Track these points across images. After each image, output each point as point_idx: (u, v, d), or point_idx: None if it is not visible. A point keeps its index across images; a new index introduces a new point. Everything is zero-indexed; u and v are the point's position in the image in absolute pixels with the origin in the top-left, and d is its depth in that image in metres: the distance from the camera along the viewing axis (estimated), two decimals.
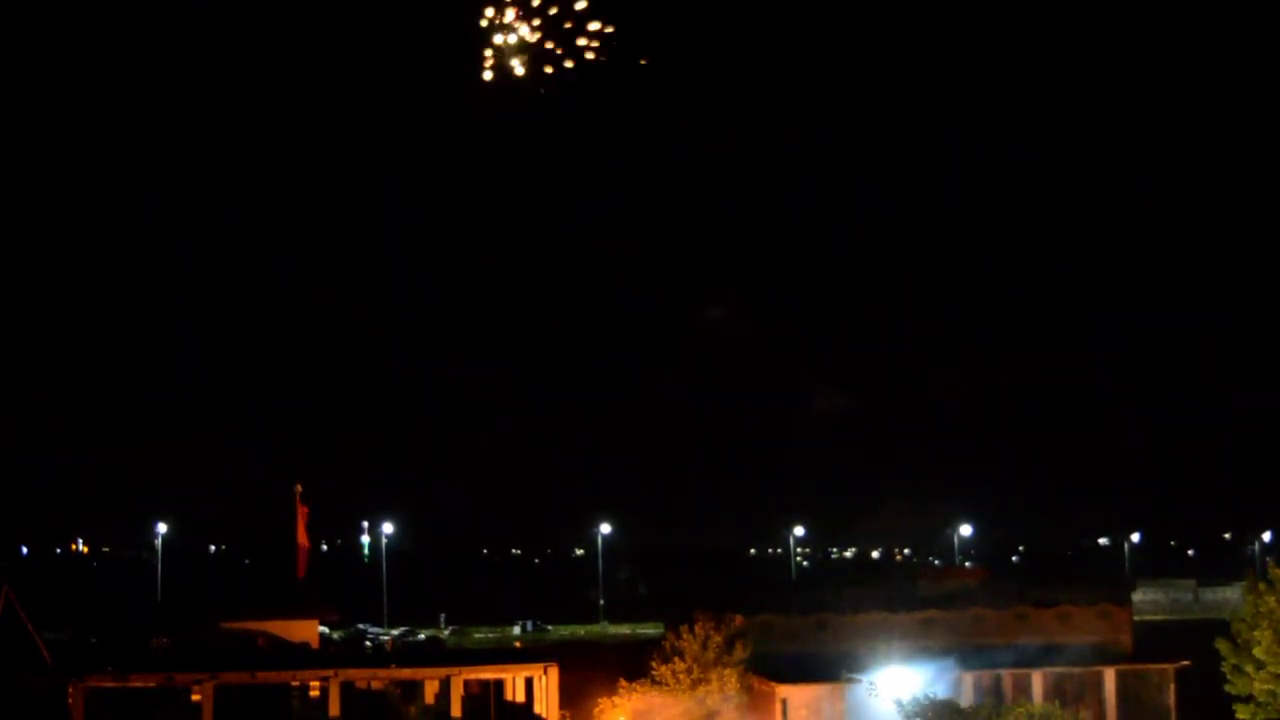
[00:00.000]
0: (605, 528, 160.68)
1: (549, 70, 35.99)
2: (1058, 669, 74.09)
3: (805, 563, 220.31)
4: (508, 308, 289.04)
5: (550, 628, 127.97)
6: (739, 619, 72.80)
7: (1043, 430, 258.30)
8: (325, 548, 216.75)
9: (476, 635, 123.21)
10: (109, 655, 73.58)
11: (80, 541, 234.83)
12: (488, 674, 73.51)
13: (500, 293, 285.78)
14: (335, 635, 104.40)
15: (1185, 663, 74.83)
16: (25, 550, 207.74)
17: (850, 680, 71.29)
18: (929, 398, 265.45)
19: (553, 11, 35.84)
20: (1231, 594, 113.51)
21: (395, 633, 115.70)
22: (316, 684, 69.91)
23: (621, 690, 73.40)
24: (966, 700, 70.62)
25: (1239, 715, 68.51)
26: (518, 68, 35.42)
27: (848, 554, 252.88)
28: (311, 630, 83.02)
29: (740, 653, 71.36)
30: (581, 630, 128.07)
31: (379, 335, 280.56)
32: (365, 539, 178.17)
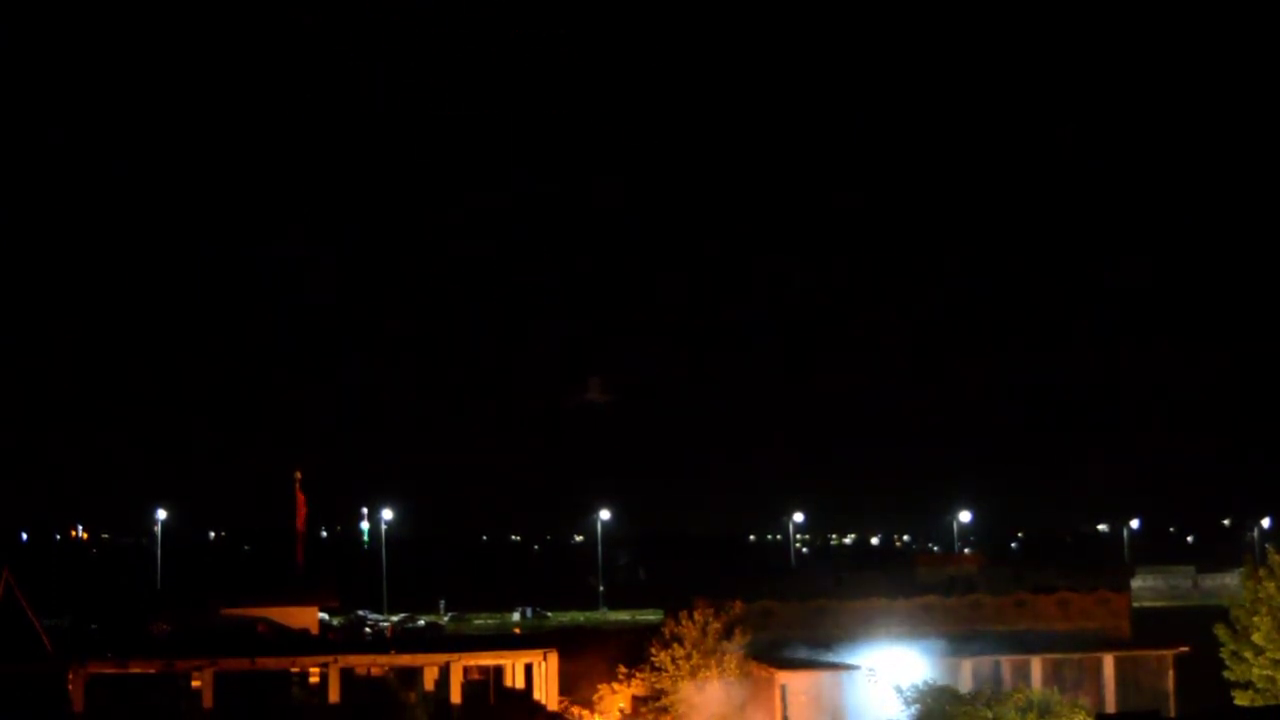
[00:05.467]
0: (605, 514, 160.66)
1: None
2: (1056, 655, 74.15)
3: (805, 549, 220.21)
4: (506, 297, 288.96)
5: (550, 614, 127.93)
6: (738, 605, 72.85)
7: (1042, 417, 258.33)
8: (325, 534, 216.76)
9: (476, 621, 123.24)
10: (109, 642, 73.63)
11: (80, 528, 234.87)
12: (487, 660, 73.59)
13: (498, 280, 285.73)
14: (335, 621, 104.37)
15: (1184, 649, 74.86)
16: (25, 536, 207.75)
17: (849, 667, 71.33)
18: (929, 384, 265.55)
19: None
20: (1230, 580, 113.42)
21: (395, 619, 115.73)
22: (316, 670, 69.99)
23: (621, 677, 73.46)
24: (965, 686, 70.70)
25: (1238, 701, 68.62)
26: None
27: (847, 540, 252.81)
28: (311, 616, 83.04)
29: (740, 639, 71.40)
30: (581, 617, 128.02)
31: (377, 321, 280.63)
32: (365, 525, 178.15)
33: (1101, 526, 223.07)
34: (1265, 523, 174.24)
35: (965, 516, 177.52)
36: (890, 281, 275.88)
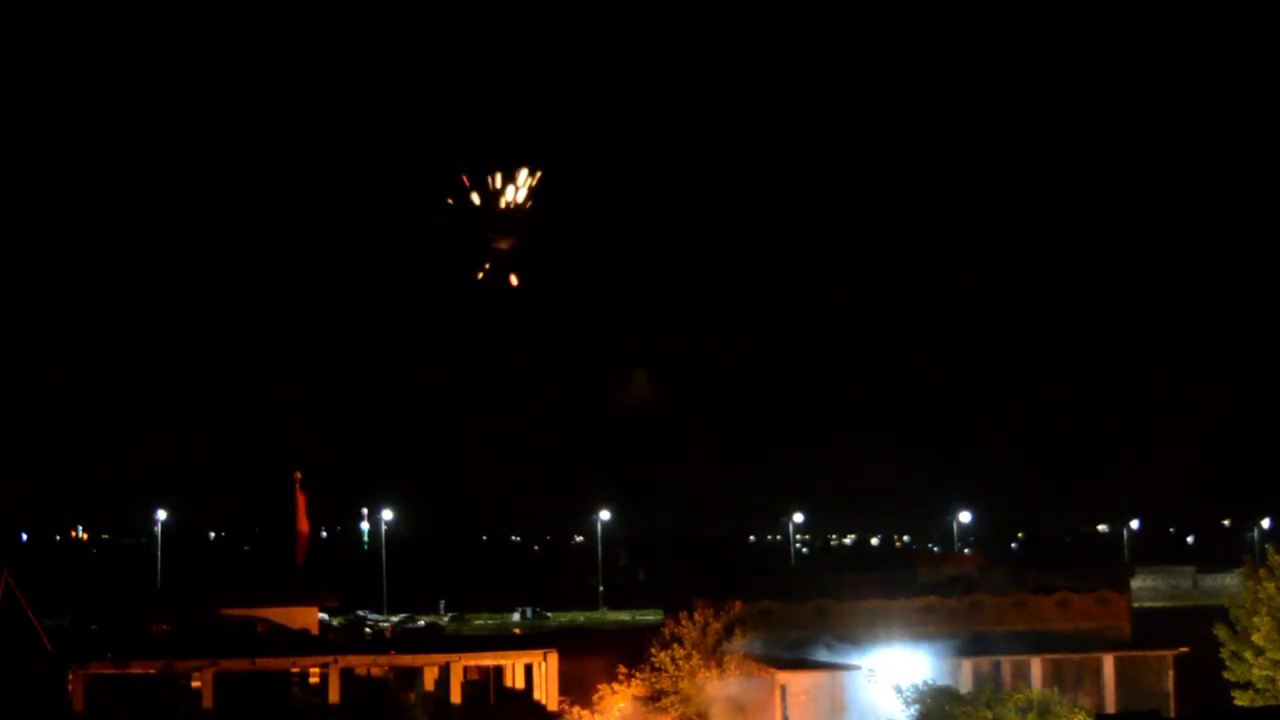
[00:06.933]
0: (605, 514, 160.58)
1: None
2: (1056, 655, 74.20)
3: (805, 549, 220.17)
4: (502, 293, 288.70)
5: (550, 614, 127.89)
6: (738, 605, 72.88)
7: (1042, 416, 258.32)
8: (325, 534, 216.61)
9: (476, 622, 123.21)
10: (109, 642, 73.57)
11: (80, 528, 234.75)
12: (487, 660, 73.59)
13: (493, 275, 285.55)
14: (335, 622, 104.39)
15: (1184, 649, 74.94)
16: (25, 537, 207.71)
17: (849, 667, 71.37)
18: (929, 384, 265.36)
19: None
20: (1230, 581, 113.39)
21: (395, 619, 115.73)
22: (316, 670, 70.04)
23: (621, 677, 73.47)
24: (965, 687, 70.77)
25: (1238, 701, 68.69)
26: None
27: (847, 540, 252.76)
28: (311, 617, 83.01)
29: (740, 639, 71.43)
30: (581, 617, 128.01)
31: (374, 320, 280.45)
32: (365, 525, 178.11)
33: (1101, 526, 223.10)
34: (1265, 523, 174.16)
35: (965, 516, 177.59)
36: (892, 282, 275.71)
